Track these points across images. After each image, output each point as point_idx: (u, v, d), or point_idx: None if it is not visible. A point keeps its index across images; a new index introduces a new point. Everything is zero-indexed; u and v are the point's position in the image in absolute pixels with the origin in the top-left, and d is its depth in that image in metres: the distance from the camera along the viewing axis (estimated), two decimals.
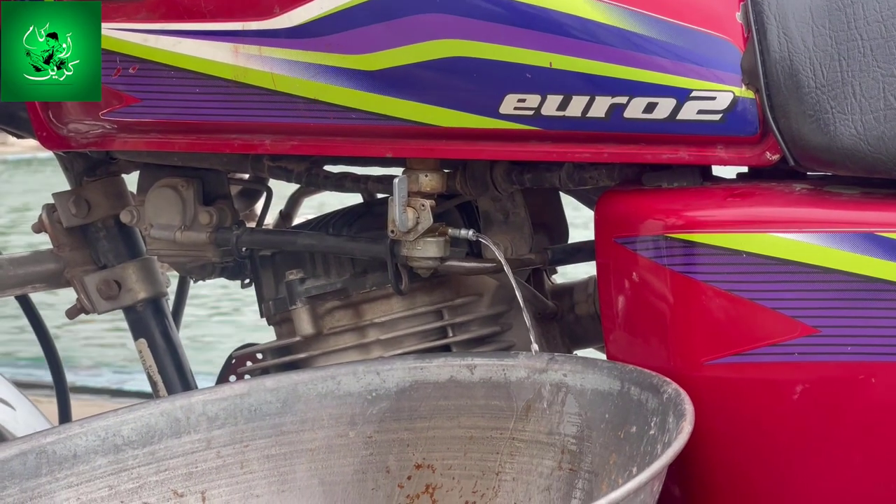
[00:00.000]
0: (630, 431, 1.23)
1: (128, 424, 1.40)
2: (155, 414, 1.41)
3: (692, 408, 1.16)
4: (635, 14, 1.27)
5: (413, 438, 1.41)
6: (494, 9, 1.30)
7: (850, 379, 1.22)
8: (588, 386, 1.30)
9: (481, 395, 1.38)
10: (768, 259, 1.23)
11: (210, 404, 1.42)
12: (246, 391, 1.43)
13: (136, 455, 1.40)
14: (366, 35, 1.33)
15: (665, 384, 1.21)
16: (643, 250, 1.29)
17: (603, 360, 1.33)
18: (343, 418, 1.42)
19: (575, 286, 1.64)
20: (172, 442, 1.41)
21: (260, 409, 1.42)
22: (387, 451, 1.41)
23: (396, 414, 1.41)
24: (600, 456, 1.27)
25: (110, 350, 4.98)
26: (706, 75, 1.26)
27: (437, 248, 1.41)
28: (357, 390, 1.42)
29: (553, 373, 1.34)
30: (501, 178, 1.44)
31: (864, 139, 1.22)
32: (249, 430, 1.42)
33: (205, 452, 1.41)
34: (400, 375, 1.41)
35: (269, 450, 1.42)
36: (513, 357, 1.37)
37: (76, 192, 1.70)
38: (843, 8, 1.24)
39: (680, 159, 1.29)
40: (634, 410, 1.23)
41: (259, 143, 1.43)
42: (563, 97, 1.29)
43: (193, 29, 1.39)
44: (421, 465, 1.41)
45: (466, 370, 1.39)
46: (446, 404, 1.40)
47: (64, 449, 1.38)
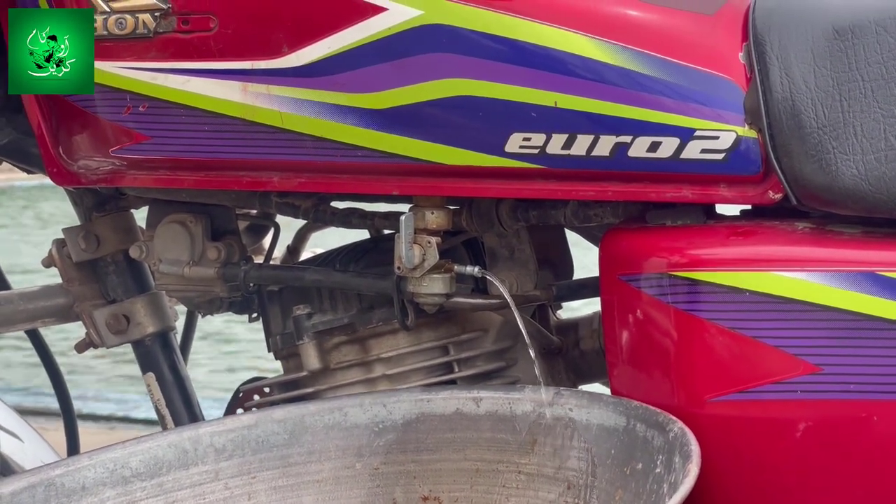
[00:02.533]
0: (636, 468, 1.23)
1: (136, 456, 1.41)
2: (163, 446, 1.41)
3: (698, 449, 1.16)
4: (639, 54, 1.29)
5: (420, 471, 1.41)
6: (500, 48, 1.31)
7: (853, 417, 1.23)
8: (594, 421, 1.31)
9: (487, 428, 1.39)
10: (771, 297, 1.24)
11: (218, 436, 1.43)
12: (253, 423, 1.43)
13: (144, 487, 1.40)
14: (373, 74, 1.35)
15: (671, 422, 1.22)
16: (647, 288, 1.30)
17: (608, 395, 1.33)
18: (350, 450, 1.42)
19: (580, 322, 1.65)
20: (180, 473, 1.41)
21: (267, 440, 1.43)
22: (394, 483, 1.42)
23: (403, 446, 1.41)
24: (606, 492, 1.27)
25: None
26: (709, 115, 1.28)
27: (444, 284, 1.42)
28: (364, 422, 1.42)
29: (559, 407, 1.34)
30: (507, 215, 1.45)
31: (866, 179, 1.23)
32: (257, 462, 1.42)
33: (212, 484, 1.42)
34: (406, 408, 1.42)
35: (277, 481, 1.42)
36: (518, 391, 1.38)
37: (86, 228, 1.71)
38: (845, 49, 1.25)
39: (684, 198, 1.30)
40: (640, 447, 1.24)
41: (267, 180, 1.44)
42: (567, 136, 1.30)
43: (203, 68, 1.41)
44: (427, 497, 1.41)
45: (472, 403, 1.39)
46: (452, 437, 1.40)
47: (72, 481, 1.38)
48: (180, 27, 1.41)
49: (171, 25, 1.42)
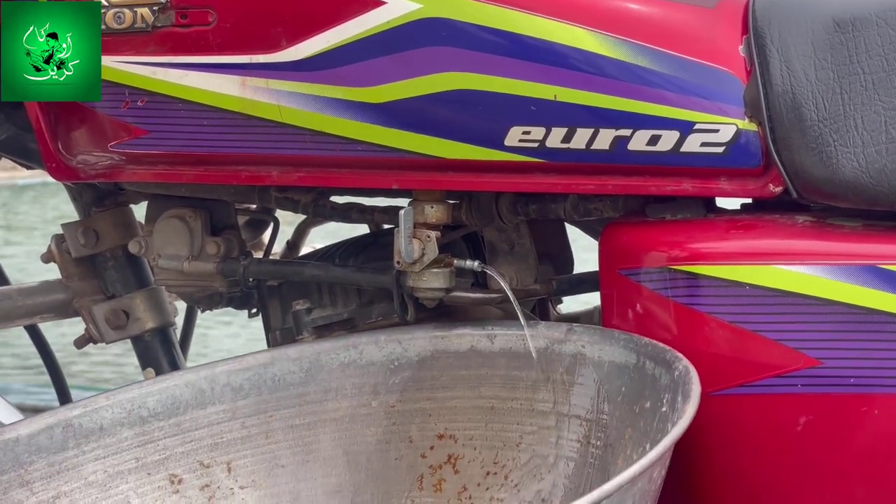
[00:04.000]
0: (644, 407, 1.22)
1: (153, 396, 1.40)
2: (180, 385, 1.41)
3: (698, 388, 1.15)
4: (639, 47, 1.28)
5: (435, 408, 1.40)
6: (500, 42, 1.31)
7: (853, 410, 1.22)
8: (605, 358, 1.30)
9: (502, 365, 1.38)
10: (771, 291, 1.24)
11: (234, 374, 1.42)
12: (269, 361, 1.42)
13: (161, 426, 1.39)
14: (372, 68, 1.34)
15: (677, 360, 1.20)
16: (647, 282, 1.30)
17: (619, 331, 1.31)
18: (366, 388, 1.41)
19: (580, 316, 1.65)
20: (197, 413, 1.41)
21: (283, 378, 1.42)
22: (409, 421, 1.41)
23: (418, 384, 1.40)
24: (617, 430, 1.26)
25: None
26: (709, 108, 1.27)
27: (443, 278, 1.41)
28: (379, 359, 1.42)
29: (572, 344, 1.33)
30: (507, 209, 1.45)
31: (866, 172, 1.23)
32: (273, 401, 1.42)
33: (230, 423, 1.41)
34: (421, 345, 1.41)
35: (294, 420, 1.42)
36: (533, 327, 1.37)
37: (85, 223, 1.71)
38: (845, 42, 1.25)
39: (684, 191, 1.30)
40: (649, 385, 1.23)
41: (266, 175, 1.44)
42: (567, 129, 1.30)
43: (201, 62, 1.40)
44: (443, 434, 1.40)
45: (487, 340, 1.38)
46: (467, 374, 1.39)
47: (90, 422, 1.37)
48: (179, 21, 1.41)
49: (169, 19, 1.42)
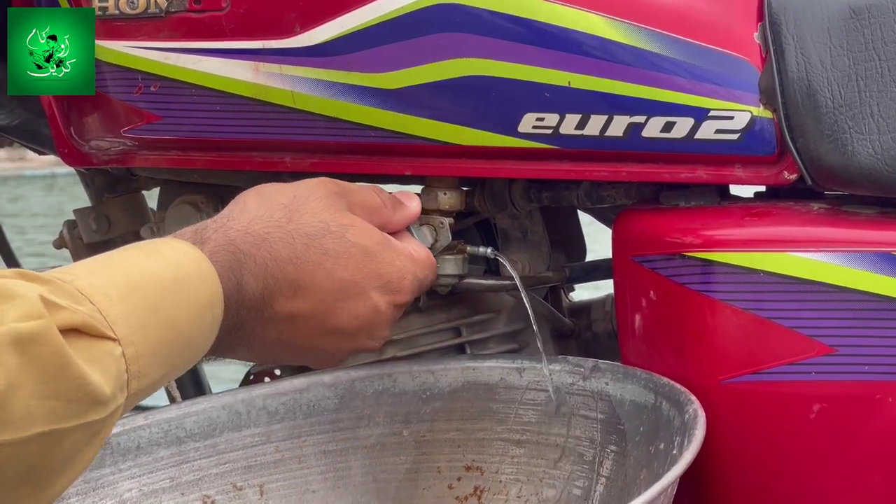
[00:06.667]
0: (659, 448, 1.23)
1: (191, 417, 1.40)
2: (217, 407, 1.41)
3: (701, 435, 1.15)
4: (653, 33, 1.28)
5: (463, 439, 1.41)
6: (513, 28, 1.31)
7: (868, 398, 1.22)
8: (627, 397, 1.30)
9: (529, 399, 1.38)
10: (785, 278, 1.23)
11: (270, 398, 1.43)
12: (305, 387, 1.43)
13: (197, 447, 1.40)
14: (386, 54, 1.34)
15: (689, 403, 1.21)
16: (660, 269, 1.29)
17: (640, 370, 1.32)
18: (398, 416, 1.42)
19: (592, 304, 1.65)
20: (233, 435, 1.41)
21: (318, 404, 1.43)
22: (438, 452, 1.42)
23: (448, 414, 1.41)
24: (633, 469, 1.26)
25: None
26: (724, 95, 1.27)
27: (456, 265, 1.41)
28: (412, 389, 1.42)
29: (595, 381, 1.34)
30: (520, 196, 1.45)
31: (882, 159, 1.22)
32: (307, 426, 1.42)
33: (264, 446, 1.42)
34: (453, 376, 1.42)
35: (326, 445, 1.42)
36: (559, 362, 1.38)
37: (97, 209, 1.71)
38: (861, 28, 1.25)
39: (698, 178, 1.30)
40: (664, 427, 1.23)
41: (279, 161, 1.44)
42: (581, 116, 1.30)
43: (214, 47, 1.40)
44: (470, 466, 1.40)
45: (516, 373, 1.39)
46: (496, 406, 1.40)
47: (128, 440, 1.38)
48: (192, 6, 1.41)
49: (182, 5, 1.41)
